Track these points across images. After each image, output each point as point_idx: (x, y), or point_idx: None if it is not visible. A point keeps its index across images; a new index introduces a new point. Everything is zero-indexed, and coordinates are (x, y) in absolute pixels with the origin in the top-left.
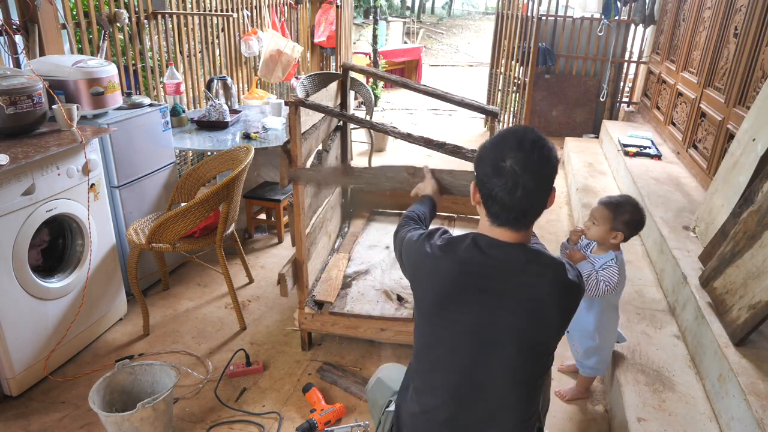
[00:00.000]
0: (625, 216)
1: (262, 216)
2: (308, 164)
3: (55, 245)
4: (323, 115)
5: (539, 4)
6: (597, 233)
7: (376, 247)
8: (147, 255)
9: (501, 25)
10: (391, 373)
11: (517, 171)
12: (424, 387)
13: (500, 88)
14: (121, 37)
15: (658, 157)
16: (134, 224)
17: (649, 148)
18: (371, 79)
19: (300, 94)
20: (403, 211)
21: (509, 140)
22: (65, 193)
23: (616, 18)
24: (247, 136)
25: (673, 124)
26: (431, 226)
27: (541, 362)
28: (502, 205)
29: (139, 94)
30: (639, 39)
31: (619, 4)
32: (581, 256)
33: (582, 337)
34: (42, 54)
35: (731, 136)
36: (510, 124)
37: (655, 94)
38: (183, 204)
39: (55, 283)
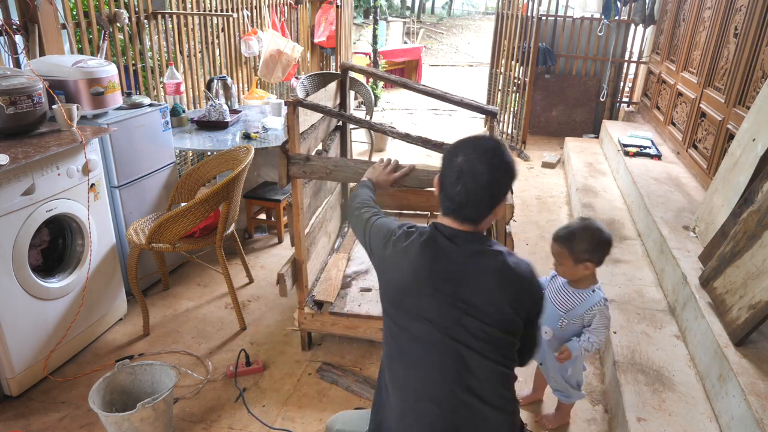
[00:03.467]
0: (582, 245)
1: (262, 216)
2: None
3: (55, 245)
4: (322, 115)
5: (539, 4)
6: (566, 271)
7: None
8: (147, 255)
9: (501, 25)
10: (347, 421)
11: (463, 168)
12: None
13: (500, 88)
14: (121, 37)
15: (658, 157)
16: (134, 224)
17: (649, 148)
18: (371, 79)
19: (300, 94)
20: (404, 211)
21: (470, 143)
22: (65, 193)
23: (616, 18)
24: (247, 136)
25: (673, 124)
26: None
27: (511, 347)
28: (445, 195)
29: (139, 94)
30: (639, 39)
31: (619, 4)
32: (568, 353)
33: (555, 369)
34: (42, 54)
35: (731, 136)
36: (510, 124)
37: (655, 94)
38: (183, 204)
39: (55, 283)
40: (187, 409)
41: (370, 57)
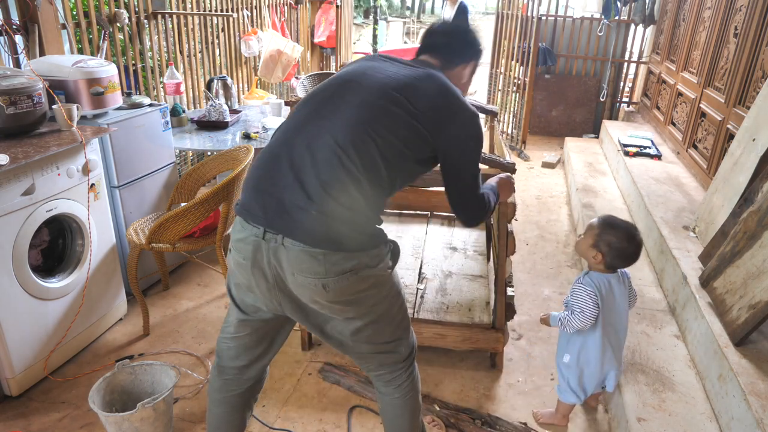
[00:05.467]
0: (610, 238)
1: None
2: None
3: (55, 245)
4: None
5: (539, 4)
6: (580, 247)
7: None
8: (147, 255)
9: (501, 25)
10: None
11: None
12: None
13: (500, 88)
14: (121, 37)
15: (658, 157)
16: (134, 224)
17: (649, 148)
18: None
19: (300, 94)
20: (404, 211)
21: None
22: (65, 193)
23: (616, 18)
24: (247, 136)
25: (673, 124)
26: None
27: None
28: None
29: (139, 94)
30: (639, 39)
31: (619, 4)
32: (547, 317)
33: (559, 355)
34: (42, 54)
35: (731, 136)
36: (510, 124)
37: (655, 94)
38: (183, 204)
39: (55, 283)
40: (187, 409)
41: None
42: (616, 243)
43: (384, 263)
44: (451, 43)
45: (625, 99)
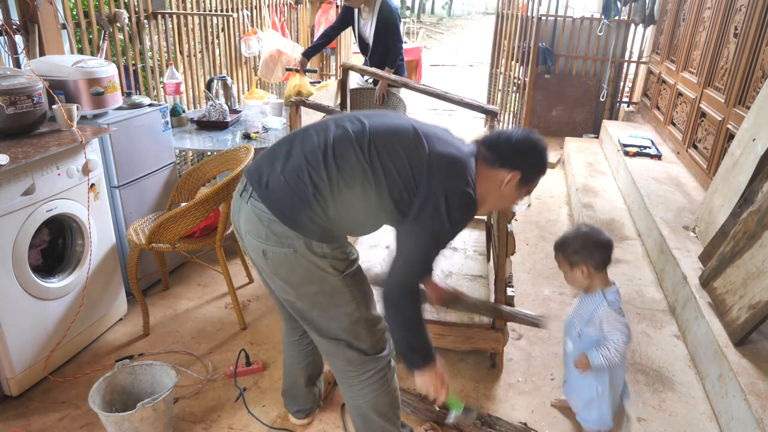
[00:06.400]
0: (572, 247)
1: None
2: None
3: (55, 245)
4: (323, 114)
5: (539, 4)
6: (569, 278)
7: (376, 247)
8: (147, 255)
9: (501, 25)
10: None
11: None
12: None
13: (500, 88)
14: (121, 37)
15: (658, 157)
16: (134, 224)
17: (649, 148)
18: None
19: None
20: None
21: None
22: (65, 193)
23: (616, 18)
24: (247, 136)
25: (673, 124)
26: None
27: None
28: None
29: (139, 94)
30: (639, 39)
31: (619, 4)
32: (585, 360)
33: (580, 387)
34: (42, 54)
35: (731, 136)
36: (510, 124)
37: (655, 94)
38: (183, 204)
39: (55, 283)
40: (187, 409)
41: None
42: (580, 244)
43: (331, 262)
44: (500, 145)
45: (625, 99)
